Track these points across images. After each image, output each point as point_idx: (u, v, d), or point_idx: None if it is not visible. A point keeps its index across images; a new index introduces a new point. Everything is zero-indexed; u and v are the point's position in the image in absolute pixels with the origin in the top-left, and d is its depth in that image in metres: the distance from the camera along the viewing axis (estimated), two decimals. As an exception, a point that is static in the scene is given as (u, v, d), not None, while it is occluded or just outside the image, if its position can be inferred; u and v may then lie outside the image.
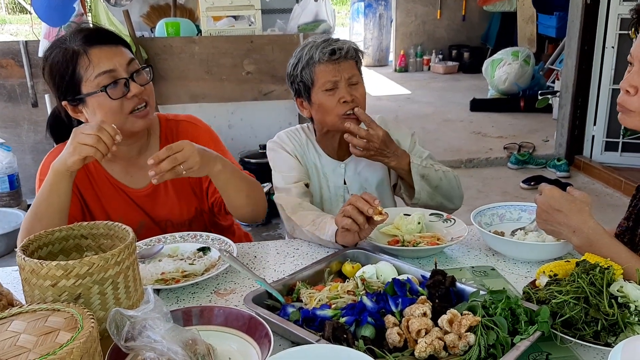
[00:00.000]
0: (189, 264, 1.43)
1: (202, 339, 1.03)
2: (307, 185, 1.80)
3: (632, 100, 1.32)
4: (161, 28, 4.21)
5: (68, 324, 0.94)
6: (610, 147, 4.94)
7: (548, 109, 6.44)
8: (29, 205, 1.72)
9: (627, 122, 1.37)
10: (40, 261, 1.03)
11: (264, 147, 4.31)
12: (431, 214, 1.66)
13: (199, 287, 1.37)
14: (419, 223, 1.60)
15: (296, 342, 1.10)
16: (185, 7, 6.21)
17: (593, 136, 5.00)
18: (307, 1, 4.70)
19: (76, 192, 1.50)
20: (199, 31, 4.42)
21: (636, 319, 1.09)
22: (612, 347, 1.06)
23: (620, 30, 4.57)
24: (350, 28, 9.86)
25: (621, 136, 4.84)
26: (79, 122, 1.59)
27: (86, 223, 1.21)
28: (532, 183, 4.79)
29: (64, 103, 1.54)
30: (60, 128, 1.65)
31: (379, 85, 8.75)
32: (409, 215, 1.63)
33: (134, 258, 1.13)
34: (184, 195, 1.71)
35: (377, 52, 10.09)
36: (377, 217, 1.38)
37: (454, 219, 1.63)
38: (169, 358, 0.96)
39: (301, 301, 1.25)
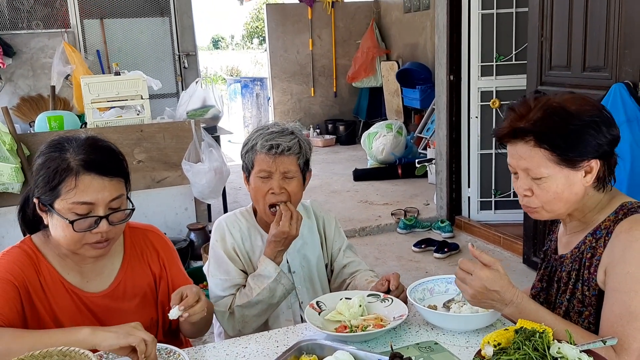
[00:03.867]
0: (142, 379, 1.37)
1: None
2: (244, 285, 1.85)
3: (532, 200, 1.53)
4: (43, 122, 4.03)
5: None
6: (484, 206, 5.41)
7: (424, 174, 6.95)
8: None
9: (538, 216, 1.57)
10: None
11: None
12: (369, 295, 1.73)
13: (157, 403, 1.32)
14: (360, 306, 1.66)
15: None
16: (59, 98, 6.01)
17: (469, 197, 5.46)
18: (194, 88, 4.79)
19: (27, 298, 1.46)
20: (84, 123, 4.29)
21: (578, 376, 1.22)
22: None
23: (481, 102, 5.12)
24: (229, 108, 10.04)
25: (493, 195, 5.35)
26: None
27: (38, 352, 1.14)
28: (422, 246, 5.08)
29: (35, 199, 1.50)
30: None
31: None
32: (350, 298, 1.69)
33: (99, 385, 1.08)
34: (145, 304, 1.66)
35: (257, 129, 10.30)
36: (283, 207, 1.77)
37: (391, 299, 1.71)
38: None
39: (269, 404, 1.25)
